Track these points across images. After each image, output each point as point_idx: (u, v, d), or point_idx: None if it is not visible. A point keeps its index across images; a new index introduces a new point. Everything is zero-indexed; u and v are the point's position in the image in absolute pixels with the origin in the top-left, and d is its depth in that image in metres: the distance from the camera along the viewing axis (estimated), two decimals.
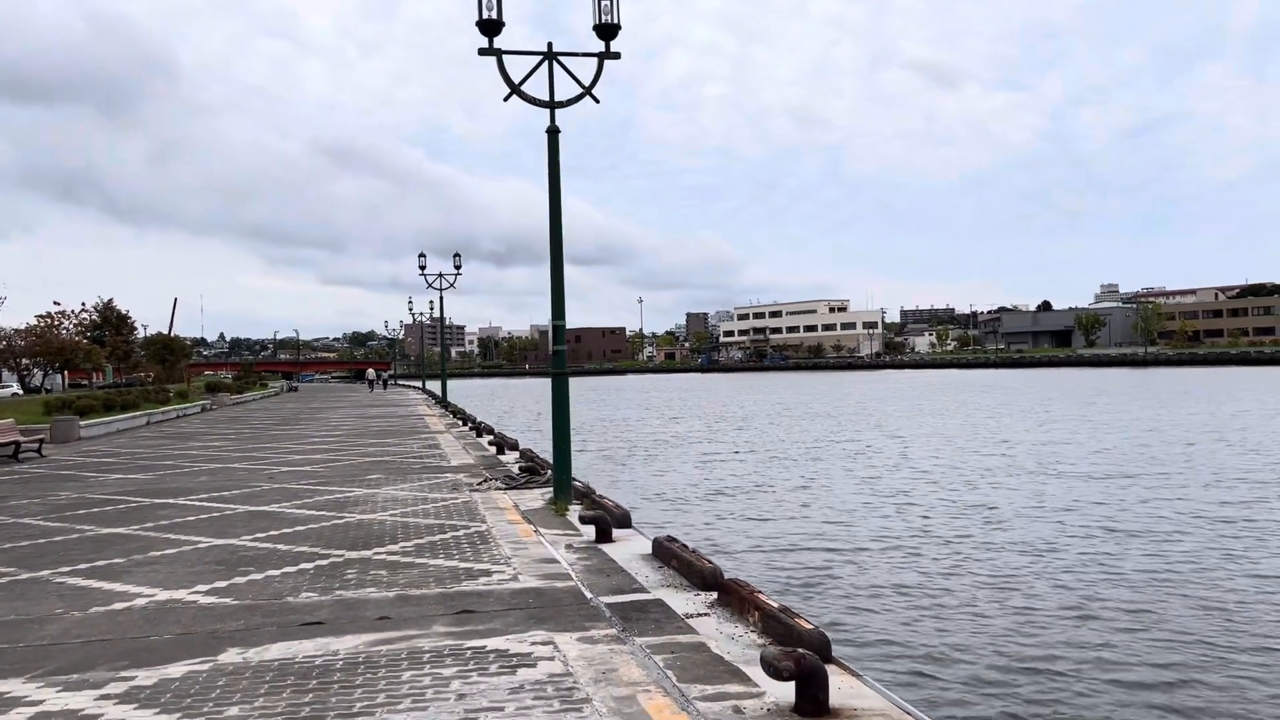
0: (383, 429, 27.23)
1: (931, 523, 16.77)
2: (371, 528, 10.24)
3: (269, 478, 15.39)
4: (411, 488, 13.63)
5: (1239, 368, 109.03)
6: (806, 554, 14.30)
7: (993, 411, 46.07)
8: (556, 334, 11.52)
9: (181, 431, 28.52)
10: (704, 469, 25.72)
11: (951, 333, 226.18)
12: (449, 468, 16.32)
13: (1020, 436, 32.44)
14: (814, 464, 26.27)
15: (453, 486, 13.68)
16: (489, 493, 12.96)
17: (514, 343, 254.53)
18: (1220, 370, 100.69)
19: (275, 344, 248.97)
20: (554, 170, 11.55)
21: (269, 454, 19.95)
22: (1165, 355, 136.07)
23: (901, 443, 31.53)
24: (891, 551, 14.42)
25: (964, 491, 20.40)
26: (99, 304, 64.93)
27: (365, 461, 17.67)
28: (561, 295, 11.58)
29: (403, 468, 16.40)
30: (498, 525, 10.26)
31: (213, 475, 15.96)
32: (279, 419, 34.85)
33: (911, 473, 23.68)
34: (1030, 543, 14.83)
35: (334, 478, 15.10)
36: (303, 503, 12.33)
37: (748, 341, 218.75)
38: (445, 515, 11.03)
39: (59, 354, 49.91)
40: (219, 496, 13.14)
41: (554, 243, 11.55)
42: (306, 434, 26.09)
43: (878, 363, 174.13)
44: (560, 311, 11.55)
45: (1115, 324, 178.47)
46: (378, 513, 11.33)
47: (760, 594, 6.27)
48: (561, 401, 11.54)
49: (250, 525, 10.59)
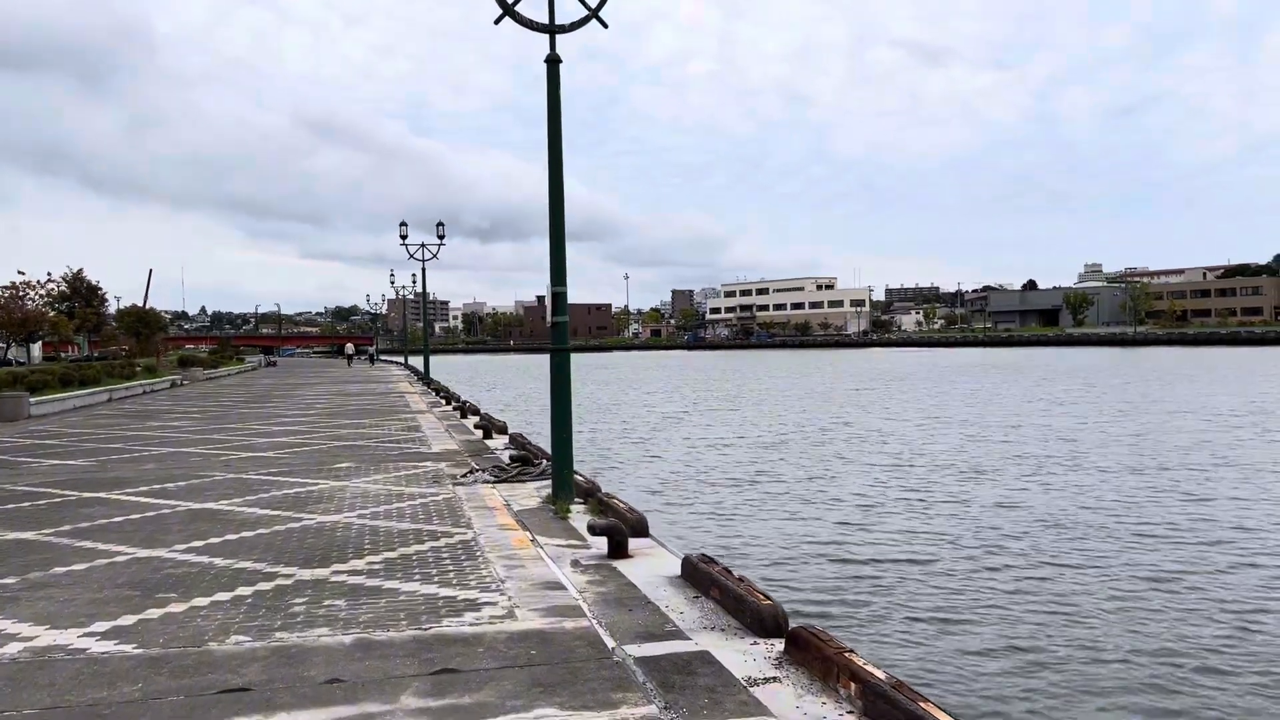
0: (360, 408, 25.40)
1: (981, 525, 15.13)
2: (334, 534, 8.48)
3: (225, 465, 13.58)
4: (386, 480, 11.86)
5: (1230, 348, 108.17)
6: (845, 567, 12.56)
7: (1027, 395, 44.62)
8: (557, 303, 9.74)
9: (143, 409, 26.60)
10: (704, 456, 24.04)
11: (938, 311, 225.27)
12: (430, 455, 14.55)
13: (1078, 430, 30.91)
14: (827, 452, 24.63)
15: (433, 478, 11.93)
16: (475, 487, 11.21)
17: (499, 319, 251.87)
18: (1215, 350, 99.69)
19: (257, 318, 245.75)
20: (554, 109, 9.72)
21: (232, 436, 18.12)
22: (1155, 335, 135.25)
23: (921, 427, 29.93)
24: (946, 567, 12.76)
25: (1015, 487, 18.80)
26: (68, 274, 62.39)
27: (336, 447, 15.88)
28: (562, 257, 9.79)
29: (378, 454, 14.62)
30: (486, 531, 8.52)
31: (161, 462, 14.13)
32: (250, 396, 32.93)
33: (943, 464, 22.05)
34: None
35: (299, 466, 13.31)
36: (257, 499, 10.55)
37: (734, 319, 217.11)
38: (424, 517, 9.27)
39: (22, 326, 47.64)
40: (161, 490, 11.33)
41: (553, 195, 9.75)
42: (277, 413, 24.24)
43: (865, 341, 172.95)
44: (561, 276, 9.77)
45: (1103, 303, 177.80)
46: (344, 513, 9.57)
47: (853, 655, 4.55)
48: (562, 381, 9.78)
49: (188, 529, 8.81)
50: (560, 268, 9.77)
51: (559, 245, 9.77)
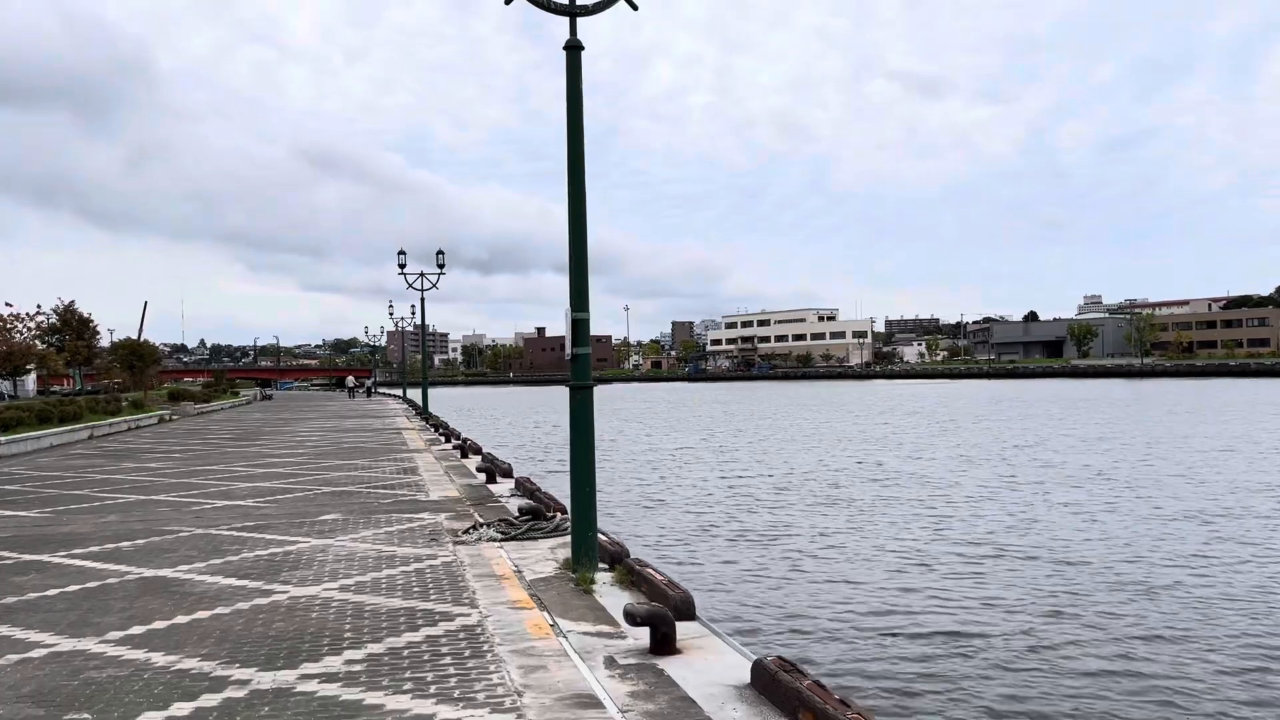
0: (353, 446, 23.83)
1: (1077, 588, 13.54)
2: (308, 615, 6.92)
3: (196, 517, 12.02)
4: (376, 536, 10.30)
5: (1239, 379, 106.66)
6: (921, 651, 10.92)
7: (1059, 430, 43.05)
8: (577, 331, 8.23)
9: (123, 448, 25.02)
10: (727, 502, 22.43)
11: (941, 343, 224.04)
12: (427, 503, 12.99)
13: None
14: (866, 498, 23.05)
15: (431, 535, 10.36)
16: (479, 546, 9.66)
17: (498, 351, 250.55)
18: (1226, 382, 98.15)
19: (256, 351, 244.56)
20: (575, 103, 8.29)
21: (210, 480, 16.55)
22: (1162, 366, 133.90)
23: (959, 470, 28.36)
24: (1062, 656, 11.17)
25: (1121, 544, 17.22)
26: (59, 306, 60.91)
27: (324, 494, 14.31)
28: (584, 277, 8.31)
29: (368, 504, 13.05)
30: (495, 612, 6.96)
31: (125, 513, 12.56)
32: (240, 432, 31.35)
33: (997, 514, 20.47)
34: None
35: (278, 519, 11.75)
36: (224, 562, 8.99)
37: (735, 350, 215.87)
38: (419, 589, 7.72)
39: (7, 360, 46.11)
40: (114, 551, 9.76)
41: (573, 206, 8.30)
42: (264, 452, 22.67)
43: (868, 373, 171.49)
44: (582, 300, 8.27)
45: (1108, 335, 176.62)
46: (323, 583, 8.01)
47: None
48: (584, 424, 8.25)
49: (131, 608, 7.25)
50: (581, 290, 8.29)
51: (580, 264, 8.29)
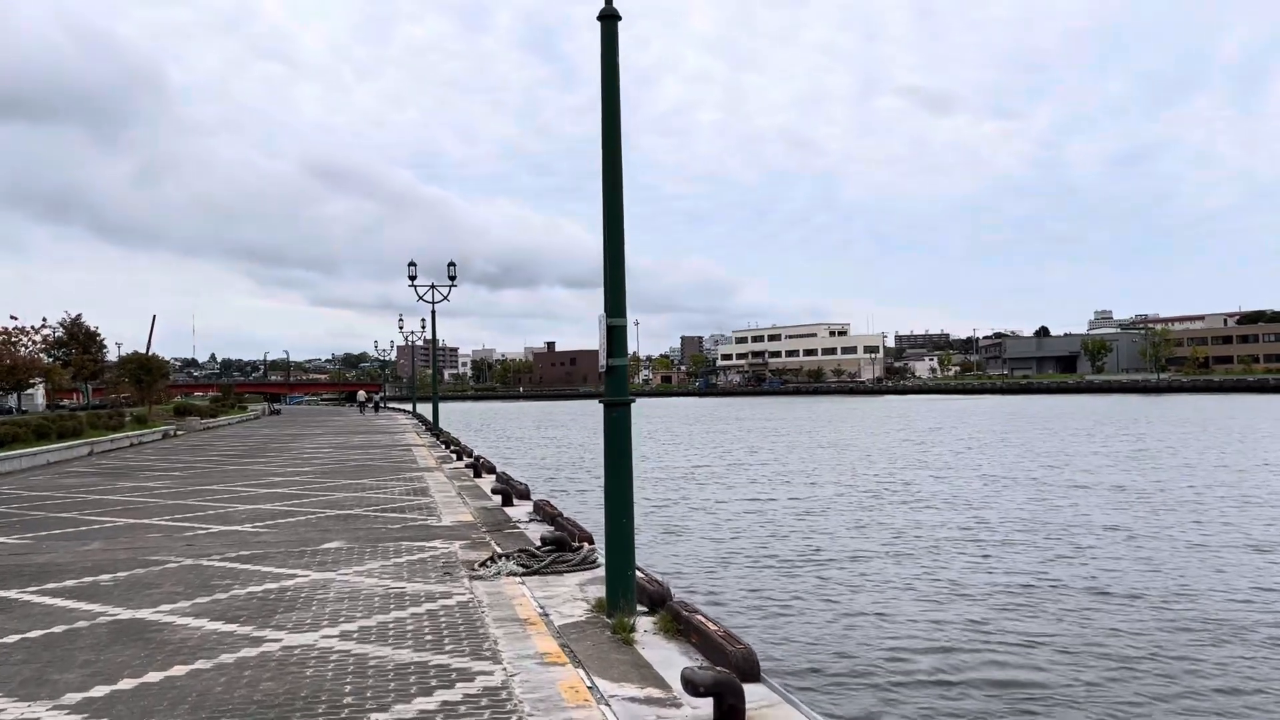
0: (361, 464, 22.83)
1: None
2: (302, 673, 5.89)
3: (187, 545, 11.00)
4: (384, 569, 9.26)
5: (1259, 395, 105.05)
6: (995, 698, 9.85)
7: (1087, 446, 41.85)
8: (613, 339, 7.20)
9: (122, 466, 24.06)
10: (748, 523, 21.36)
11: (953, 358, 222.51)
12: (439, 529, 11.95)
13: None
14: (900, 520, 21.94)
15: (444, 567, 9.33)
16: (498, 581, 8.62)
17: (507, 365, 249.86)
18: (1246, 398, 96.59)
19: (266, 365, 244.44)
20: (611, 79, 7.30)
21: (208, 501, 15.55)
22: (1179, 382, 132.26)
23: (996, 489, 27.21)
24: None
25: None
26: (65, 320, 60.24)
27: (328, 517, 13.28)
28: (621, 278, 7.30)
29: (376, 530, 12.02)
30: (522, 669, 5.92)
31: (112, 540, 11.55)
32: (244, 449, 30.39)
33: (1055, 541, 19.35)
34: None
35: (277, 547, 10.72)
36: (211, 601, 7.96)
37: (746, 365, 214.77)
38: (431, 638, 6.67)
39: (10, 374, 45.30)
40: (91, 586, 8.75)
41: (609, 198, 7.29)
42: (269, 470, 21.68)
43: (880, 388, 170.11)
44: (619, 304, 7.25)
45: (1122, 350, 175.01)
46: (321, 628, 6.98)
47: None
48: (620, 446, 7.22)
49: (98, 661, 6.23)
50: (618, 293, 7.26)
51: (616, 264, 7.27)
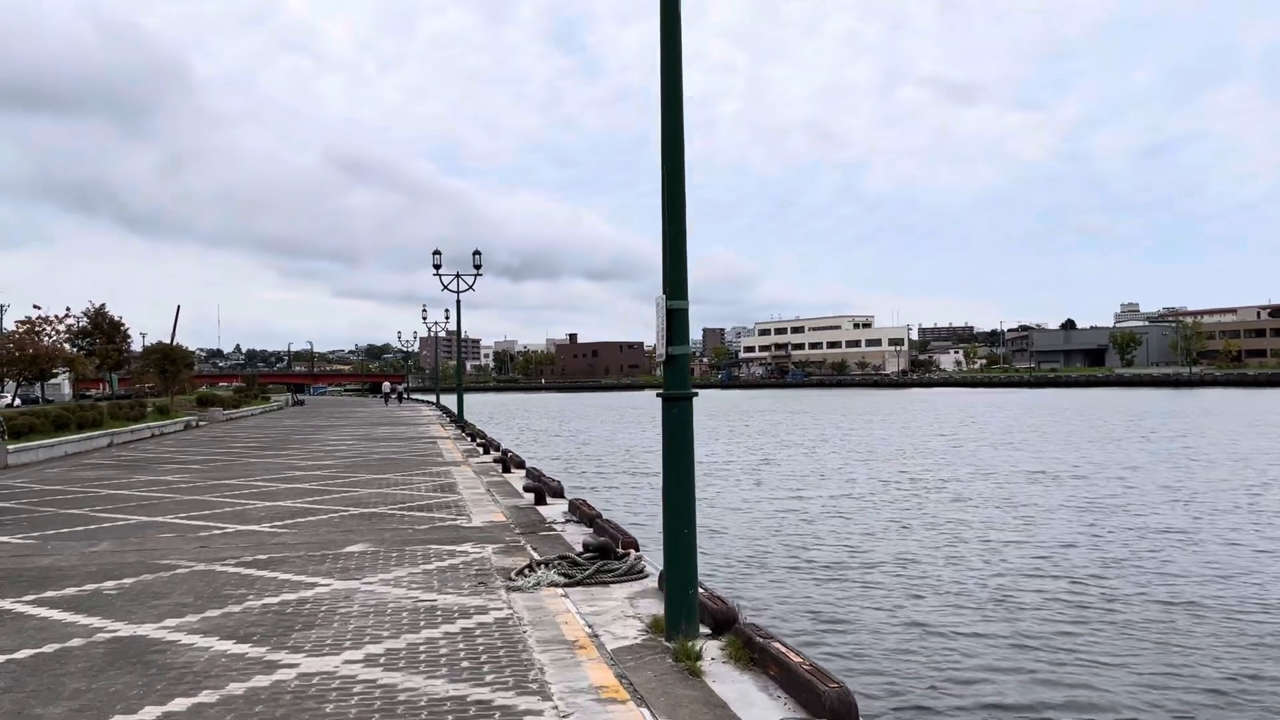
0: (385, 458, 22.09)
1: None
2: (321, 708, 5.06)
3: (201, 547, 10.24)
4: (412, 577, 8.45)
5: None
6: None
7: (1132, 442, 40.61)
8: (674, 324, 6.33)
9: (141, 458, 23.46)
10: (790, 523, 20.47)
11: (979, 351, 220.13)
12: (470, 530, 11.14)
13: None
14: (973, 519, 20.97)
15: (477, 575, 8.50)
16: (538, 593, 7.79)
17: (530, 357, 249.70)
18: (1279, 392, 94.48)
19: (290, 356, 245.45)
20: (672, 26, 6.42)
21: (225, 498, 14.83)
22: (1212, 375, 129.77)
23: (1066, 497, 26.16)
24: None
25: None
26: (89, 310, 59.93)
27: (352, 517, 12.50)
28: (682, 258, 6.42)
29: (402, 530, 11.22)
30: (576, 709, 5.06)
31: (120, 541, 10.81)
32: (267, 441, 29.78)
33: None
34: None
35: (296, 550, 9.94)
36: (222, 615, 7.17)
37: (769, 357, 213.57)
38: (468, 663, 5.84)
39: (33, 363, 44.97)
40: (93, 596, 7.98)
41: (670, 164, 6.42)
42: (291, 463, 20.98)
43: (905, 381, 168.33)
44: (680, 285, 6.38)
45: (1152, 343, 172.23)
46: (344, 650, 6.16)
47: None
48: (681, 446, 6.35)
49: (89, 691, 5.43)
50: (679, 272, 6.39)
51: (677, 239, 6.40)
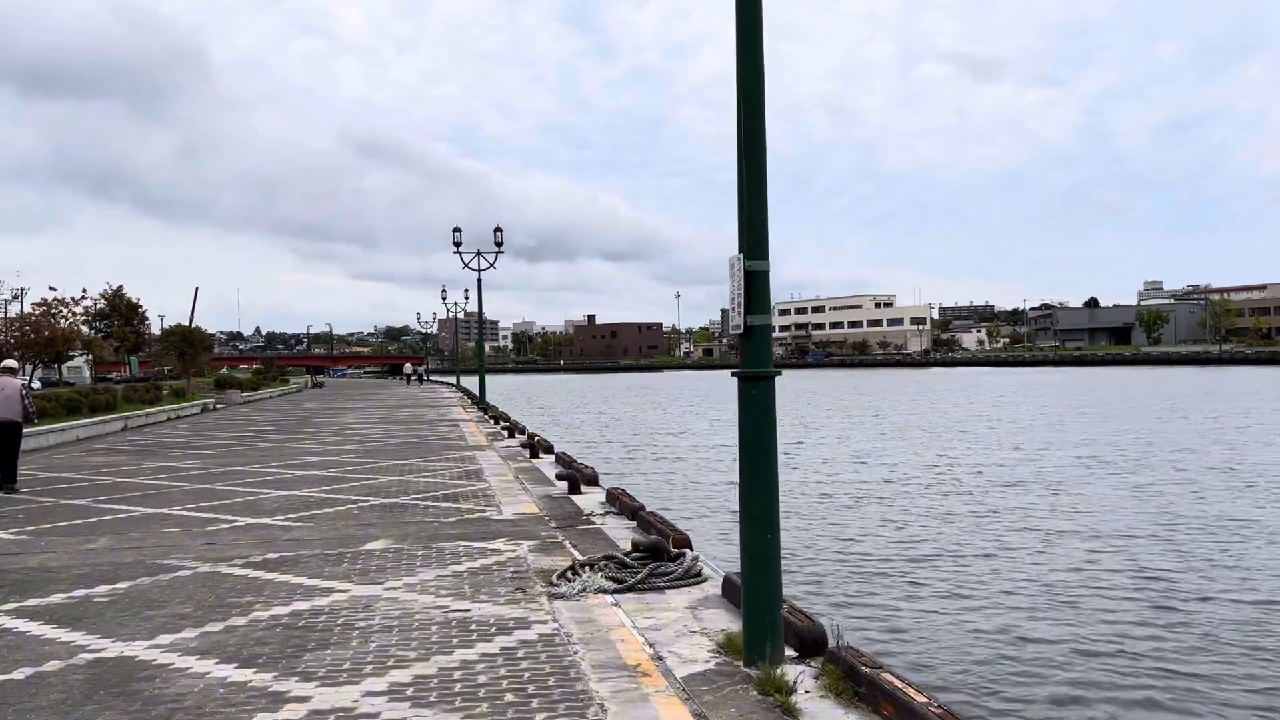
0: (406, 442, 21.20)
1: None
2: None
3: (206, 545, 9.32)
4: (439, 582, 7.47)
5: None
6: None
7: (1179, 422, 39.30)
8: (753, 289, 5.30)
9: (154, 443, 22.67)
10: (841, 514, 19.43)
11: (1002, 329, 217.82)
12: (501, 523, 10.17)
13: None
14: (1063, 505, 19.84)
15: (513, 578, 7.52)
16: (585, 601, 6.80)
17: (548, 338, 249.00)
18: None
19: (310, 339, 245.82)
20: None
21: (237, 486, 13.93)
22: (1242, 353, 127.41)
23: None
24: None
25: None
26: (107, 292, 59.42)
27: (372, 508, 11.56)
28: (763, 211, 5.39)
29: (427, 524, 10.26)
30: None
31: (120, 536, 9.90)
32: (285, 424, 28.98)
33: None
34: None
35: (311, 548, 9.00)
36: (224, 630, 6.22)
37: (789, 337, 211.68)
38: (513, 696, 4.85)
39: (48, 345, 44.47)
40: (80, 603, 7.05)
41: (749, 98, 5.36)
42: (308, 448, 20.12)
43: (928, 360, 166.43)
44: (760, 244, 5.35)
45: (1179, 320, 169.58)
46: (363, 678, 5.19)
47: None
48: (761, 434, 5.32)
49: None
50: (758, 227, 5.36)
51: (757, 190, 5.35)
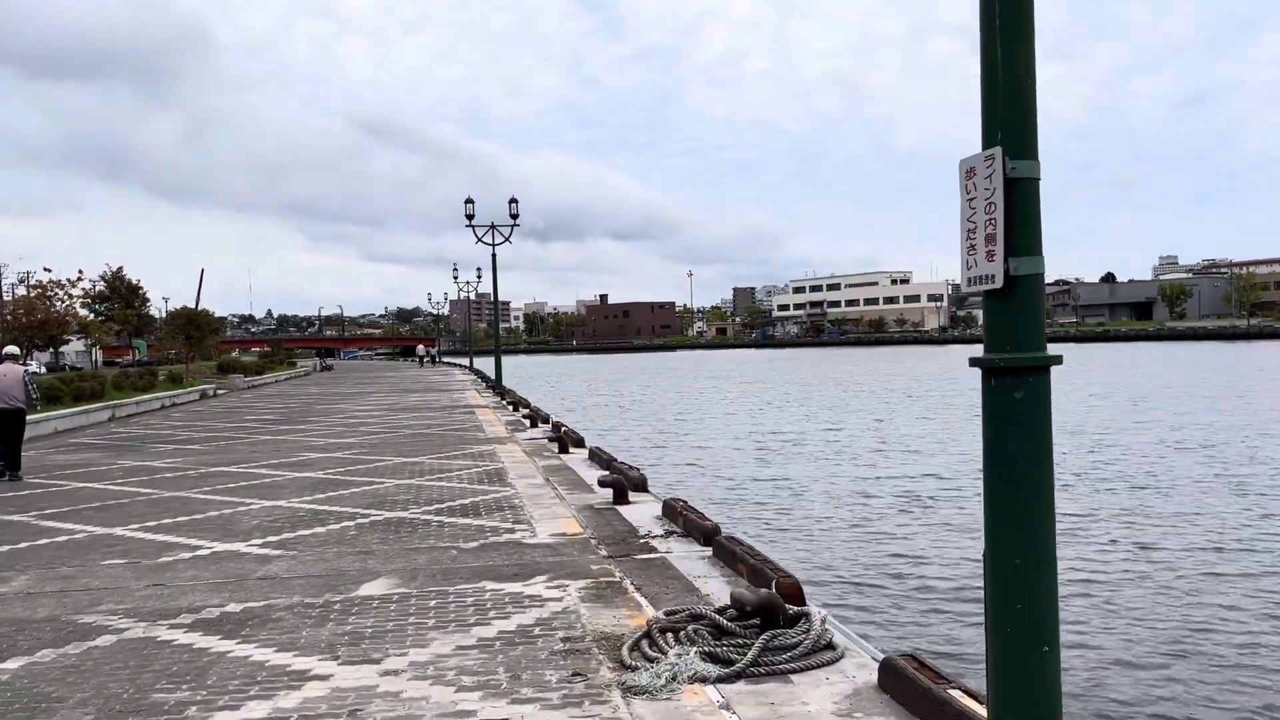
0: (417, 433, 19.00)
1: None
2: None
3: (152, 585, 7.09)
4: (458, 661, 5.22)
5: None
6: None
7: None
8: (1016, 208, 3.06)
9: (138, 435, 20.55)
10: (901, 516, 17.18)
11: None
12: (535, 550, 7.93)
13: None
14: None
15: (567, 653, 5.27)
16: (678, 695, 4.56)
17: (560, 319, 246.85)
18: None
19: (321, 321, 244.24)
20: None
21: (216, 494, 11.74)
22: (1272, 328, 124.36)
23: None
24: None
25: None
26: (106, 273, 57.45)
27: (371, 525, 9.34)
28: (1031, 97, 3.08)
29: (440, 554, 8.01)
30: None
31: (44, 572, 7.70)
32: (286, 413, 26.84)
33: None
34: None
35: (286, 593, 6.77)
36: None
37: (804, 315, 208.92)
38: None
39: (42, 329, 42.50)
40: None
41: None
42: (306, 441, 17.95)
43: (946, 338, 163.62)
44: (1028, 140, 3.07)
45: (1203, 295, 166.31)
46: None
47: None
48: (1034, 480, 3.06)
49: None
50: (1021, 121, 3.07)
51: (1016, 59, 3.05)
